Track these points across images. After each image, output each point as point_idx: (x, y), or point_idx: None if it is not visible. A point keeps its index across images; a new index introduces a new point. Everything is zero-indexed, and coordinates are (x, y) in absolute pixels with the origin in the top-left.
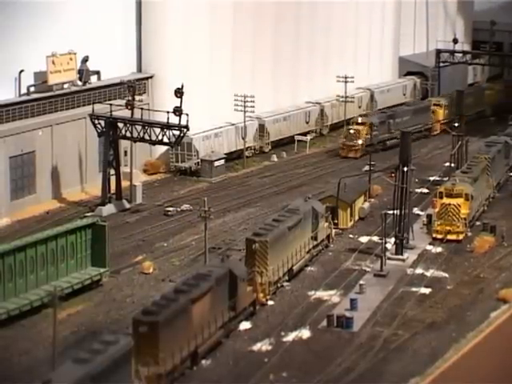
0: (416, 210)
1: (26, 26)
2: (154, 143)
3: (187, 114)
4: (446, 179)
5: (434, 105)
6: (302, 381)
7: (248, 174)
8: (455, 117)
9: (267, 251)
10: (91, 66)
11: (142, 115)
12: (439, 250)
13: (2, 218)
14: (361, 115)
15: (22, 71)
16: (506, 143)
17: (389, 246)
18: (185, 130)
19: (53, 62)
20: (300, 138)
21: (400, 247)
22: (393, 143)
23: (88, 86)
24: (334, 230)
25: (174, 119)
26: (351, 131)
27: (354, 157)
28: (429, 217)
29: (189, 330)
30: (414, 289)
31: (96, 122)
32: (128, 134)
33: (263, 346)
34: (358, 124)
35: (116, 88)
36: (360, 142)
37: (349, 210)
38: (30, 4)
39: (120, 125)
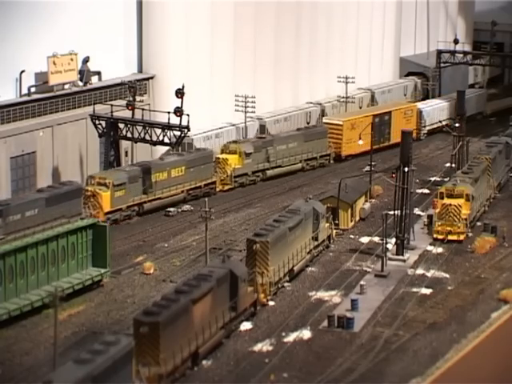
0: (417, 211)
1: (26, 26)
2: (154, 144)
3: (188, 115)
4: (446, 180)
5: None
6: (302, 381)
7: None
8: (456, 117)
9: (268, 252)
10: (92, 66)
11: (142, 116)
12: (440, 250)
13: None
14: None
15: (22, 72)
16: (507, 144)
17: (389, 246)
18: (185, 130)
19: (54, 63)
20: None
21: (401, 248)
22: None
23: (89, 86)
24: (334, 231)
25: (174, 120)
26: None
27: None
28: (429, 217)
29: (189, 331)
30: (414, 289)
31: (97, 122)
32: (129, 135)
33: (264, 346)
34: None
35: (117, 88)
36: None
37: (349, 210)
38: (30, 4)
39: (121, 125)
